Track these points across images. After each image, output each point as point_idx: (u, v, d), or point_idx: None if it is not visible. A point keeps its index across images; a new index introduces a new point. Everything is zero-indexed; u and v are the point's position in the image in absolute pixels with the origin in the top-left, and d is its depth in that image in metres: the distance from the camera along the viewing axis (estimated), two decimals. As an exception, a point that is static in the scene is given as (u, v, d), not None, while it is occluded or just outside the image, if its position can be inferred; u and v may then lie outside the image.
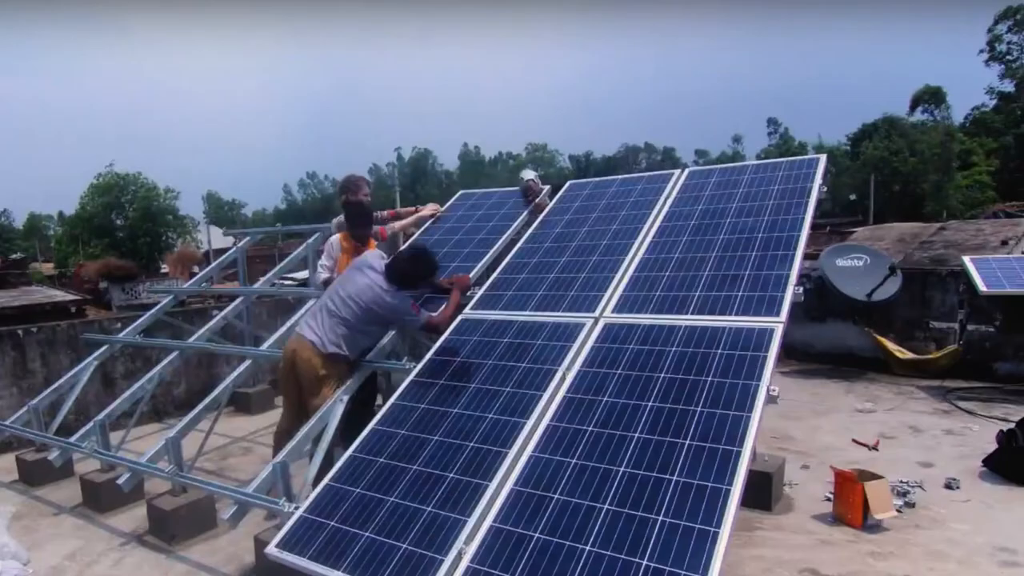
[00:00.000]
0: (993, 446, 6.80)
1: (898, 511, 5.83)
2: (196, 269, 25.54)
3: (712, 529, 3.54)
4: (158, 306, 9.43)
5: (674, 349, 4.73)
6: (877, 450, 7.35)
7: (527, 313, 5.73)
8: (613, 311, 5.35)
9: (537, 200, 7.54)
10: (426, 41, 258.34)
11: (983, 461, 6.75)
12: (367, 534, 4.29)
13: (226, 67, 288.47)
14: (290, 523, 4.64)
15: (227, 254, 10.82)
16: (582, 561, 3.64)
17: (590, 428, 4.39)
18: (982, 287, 9.30)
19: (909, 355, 10.37)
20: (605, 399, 4.56)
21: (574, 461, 4.22)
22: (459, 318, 6.02)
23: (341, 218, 7.55)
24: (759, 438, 4.13)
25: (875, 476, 5.73)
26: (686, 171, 6.78)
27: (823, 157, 6.15)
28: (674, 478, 3.88)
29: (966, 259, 9.89)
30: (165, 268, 35.22)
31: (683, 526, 3.62)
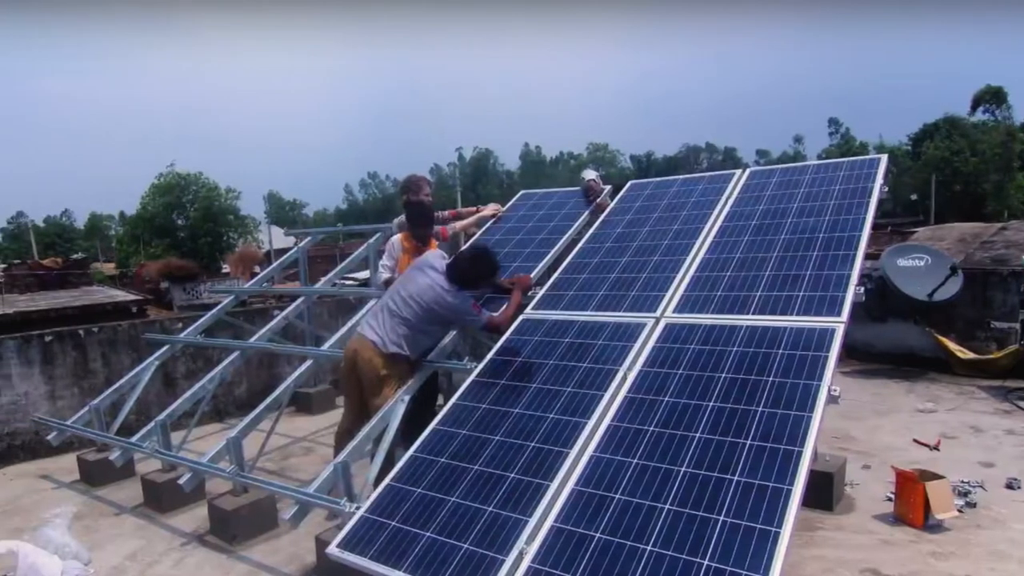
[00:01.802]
0: (1057, 447, 6.75)
1: (959, 511, 5.79)
2: (257, 269, 25.74)
3: (773, 529, 3.55)
4: (219, 306, 9.49)
5: (735, 349, 4.74)
6: (938, 450, 7.30)
7: (588, 313, 5.75)
8: (674, 311, 5.36)
9: (598, 200, 7.53)
10: (488, 42, 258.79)
11: (1046, 462, 6.69)
12: (428, 534, 4.31)
13: (287, 67, 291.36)
14: (351, 523, 4.66)
15: (288, 254, 10.87)
16: (643, 561, 3.65)
17: (651, 428, 4.41)
18: (1044, 287, 9.21)
19: (970, 355, 10.25)
20: (666, 399, 4.57)
21: (635, 461, 4.24)
22: (520, 318, 6.04)
23: (402, 218, 7.56)
24: (820, 438, 4.13)
25: (936, 476, 5.70)
26: (747, 171, 6.77)
27: (884, 157, 6.12)
28: (735, 478, 3.89)
29: (1028, 259, 9.79)
30: (226, 268, 35.49)
31: (744, 526, 3.62)
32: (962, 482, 6.34)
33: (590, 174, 7.82)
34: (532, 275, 6.63)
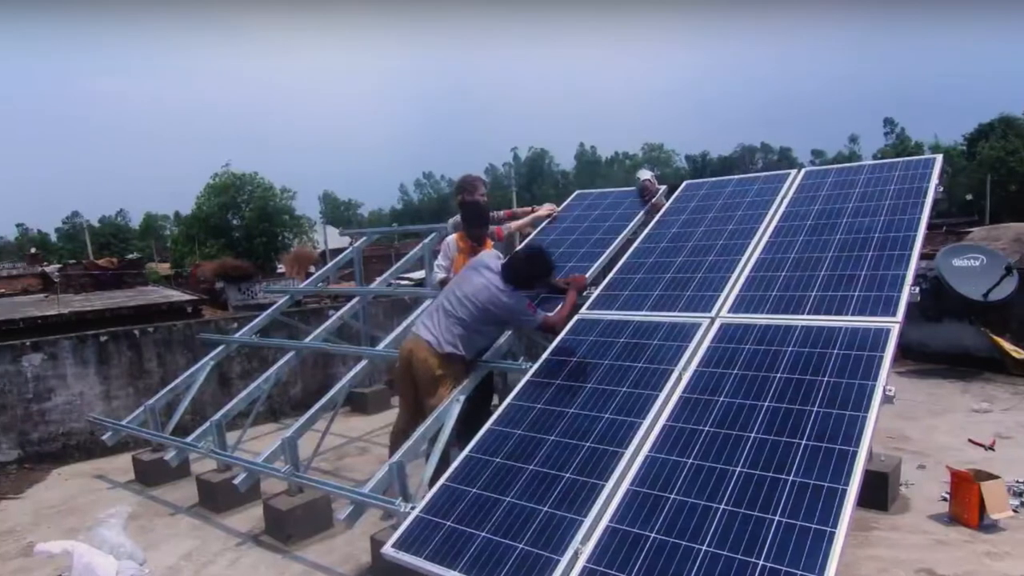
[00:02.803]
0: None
1: (1014, 511, 5.76)
2: (312, 269, 25.85)
3: (828, 529, 3.57)
4: (274, 306, 9.56)
5: (790, 349, 4.75)
6: (993, 450, 7.25)
7: (643, 313, 5.77)
8: (729, 311, 5.38)
9: (653, 200, 7.52)
10: (543, 41, 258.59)
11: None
12: (483, 534, 4.34)
13: (343, 67, 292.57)
14: (406, 523, 4.69)
15: (343, 254, 10.90)
16: (698, 561, 3.68)
17: (706, 428, 4.43)
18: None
19: (1026, 355, 10.17)
20: (721, 399, 4.59)
21: (690, 461, 4.26)
22: (575, 318, 6.06)
23: (457, 218, 7.60)
24: (875, 438, 4.14)
25: (991, 476, 5.67)
26: (802, 171, 6.76)
27: (939, 157, 6.10)
28: (790, 478, 3.91)
29: (1085, 258, 9.68)
30: (281, 268, 35.74)
31: (799, 526, 3.64)
32: (1017, 482, 6.30)
33: (645, 174, 7.82)
34: (587, 275, 6.65)
